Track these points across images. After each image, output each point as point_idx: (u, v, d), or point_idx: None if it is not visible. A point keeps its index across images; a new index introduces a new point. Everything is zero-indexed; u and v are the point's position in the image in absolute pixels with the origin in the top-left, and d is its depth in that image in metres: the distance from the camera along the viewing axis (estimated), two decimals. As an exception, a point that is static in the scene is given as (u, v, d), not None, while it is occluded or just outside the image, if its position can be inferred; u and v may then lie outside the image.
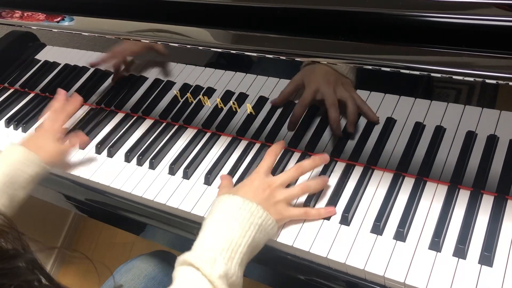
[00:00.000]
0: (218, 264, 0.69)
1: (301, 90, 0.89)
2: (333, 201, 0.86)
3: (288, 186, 0.86)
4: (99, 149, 1.07)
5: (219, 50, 0.89)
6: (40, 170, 0.94)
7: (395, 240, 0.78)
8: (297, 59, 0.82)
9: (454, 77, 0.72)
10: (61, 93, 1.10)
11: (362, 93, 0.86)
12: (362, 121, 0.89)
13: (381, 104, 0.86)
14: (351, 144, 0.91)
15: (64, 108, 1.07)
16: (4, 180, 0.88)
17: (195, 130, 1.06)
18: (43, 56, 1.24)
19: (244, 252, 0.73)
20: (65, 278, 1.83)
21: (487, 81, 0.70)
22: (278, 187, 0.82)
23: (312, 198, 0.87)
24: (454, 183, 0.83)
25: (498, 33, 0.68)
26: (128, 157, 1.03)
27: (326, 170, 0.91)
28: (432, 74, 0.73)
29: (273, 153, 0.88)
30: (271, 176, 0.85)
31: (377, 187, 0.87)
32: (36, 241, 0.62)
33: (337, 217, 0.84)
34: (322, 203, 0.87)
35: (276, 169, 0.94)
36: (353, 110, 0.86)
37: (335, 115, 0.88)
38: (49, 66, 1.25)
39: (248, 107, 0.97)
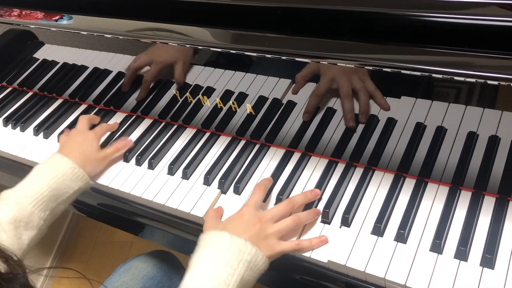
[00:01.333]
0: None
1: (317, 78, 0.88)
2: (333, 202, 0.85)
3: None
4: (97, 148, 1.06)
5: (219, 49, 0.88)
6: (84, 185, 0.94)
7: (396, 242, 0.78)
8: (297, 59, 0.82)
9: (455, 77, 0.71)
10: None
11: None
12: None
13: (381, 104, 0.86)
14: (351, 145, 0.90)
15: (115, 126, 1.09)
16: (50, 195, 0.88)
17: (194, 130, 1.06)
18: (41, 54, 1.23)
19: None
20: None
21: (489, 82, 0.69)
22: (269, 221, 0.79)
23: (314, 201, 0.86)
24: (456, 184, 0.83)
25: (500, 33, 0.68)
26: (127, 157, 1.03)
27: (327, 172, 0.90)
28: (433, 75, 0.72)
29: (262, 187, 0.86)
30: (261, 210, 0.83)
31: (377, 188, 0.86)
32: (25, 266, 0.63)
33: (337, 219, 0.83)
34: (322, 204, 0.86)
35: (277, 170, 0.93)
36: (367, 100, 0.85)
37: (349, 106, 0.87)
38: (47, 64, 1.24)
39: (247, 107, 0.97)
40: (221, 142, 1.02)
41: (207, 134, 1.04)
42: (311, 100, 0.91)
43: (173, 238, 1.05)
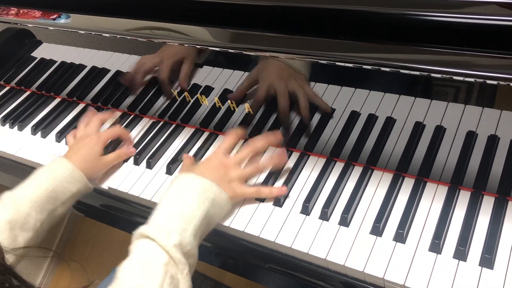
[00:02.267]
0: (173, 234, 0.73)
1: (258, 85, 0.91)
2: (331, 201, 0.85)
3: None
4: (95, 148, 1.06)
5: (218, 49, 0.88)
6: (83, 188, 0.93)
7: (395, 242, 0.77)
8: (296, 58, 0.81)
9: (454, 77, 0.71)
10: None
11: (361, 92, 0.85)
12: (361, 121, 0.89)
13: (380, 103, 0.85)
14: (350, 144, 0.90)
15: (121, 130, 1.05)
16: (47, 196, 0.87)
17: (193, 129, 1.05)
18: (39, 53, 1.23)
19: (198, 225, 0.76)
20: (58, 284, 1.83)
21: (488, 81, 0.69)
22: (234, 166, 0.87)
23: (311, 198, 0.86)
24: (455, 184, 0.82)
25: (500, 33, 0.67)
26: (125, 157, 1.02)
27: (325, 170, 0.90)
28: (432, 75, 0.72)
29: (235, 134, 0.93)
30: (229, 156, 0.90)
31: (376, 188, 0.86)
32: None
33: (336, 218, 0.83)
34: (320, 203, 0.86)
35: (276, 169, 0.93)
36: (305, 105, 0.90)
37: (284, 110, 0.92)
38: (45, 63, 1.24)
39: (246, 106, 0.96)
40: (220, 142, 1.01)
41: (205, 134, 1.04)
42: (252, 105, 0.95)
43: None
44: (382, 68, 0.75)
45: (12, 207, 0.84)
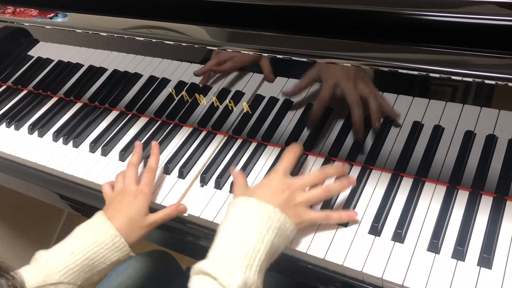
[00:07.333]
0: (237, 274, 0.66)
1: (317, 85, 0.86)
2: (329, 201, 0.85)
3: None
4: (93, 147, 1.06)
5: (215, 48, 0.88)
6: (124, 257, 0.84)
7: (393, 242, 0.77)
8: (294, 58, 0.81)
9: (452, 77, 0.71)
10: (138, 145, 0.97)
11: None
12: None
13: (379, 103, 0.85)
14: (348, 144, 0.90)
15: (152, 166, 0.93)
16: (83, 264, 0.79)
17: (191, 129, 1.05)
18: (36, 52, 1.22)
19: (263, 259, 0.69)
20: None
21: (486, 81, 0.69)
22: (299, 189, 0.78)
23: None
24: (453, 184, 0.82)
25: (498, 32, 0.67)
26: (122, 156, 1.02)
27: (323, 170, 0.90)
28: (431, 74, 0.72)
29: (292, 152, 0.84)
30: (291, 177, 0.81)
31: (375, 188, 0.86)
32: None
33: (334, 218, 0.83)
34: (319, 204, 0.85)
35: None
36: (377, 106, 0.82)
37: (358, 114, 0.84)
38: (42, 62, 1.23)
39: (244, 105, 0.96)
40: (218, 141, 1.01)
41: (203, 133, 1.04)
42: (315, 109, 0.88)
43: (170, 237, 1.04)
44: (380, 68, 0.75)
45: (44, 272, 0.77)
